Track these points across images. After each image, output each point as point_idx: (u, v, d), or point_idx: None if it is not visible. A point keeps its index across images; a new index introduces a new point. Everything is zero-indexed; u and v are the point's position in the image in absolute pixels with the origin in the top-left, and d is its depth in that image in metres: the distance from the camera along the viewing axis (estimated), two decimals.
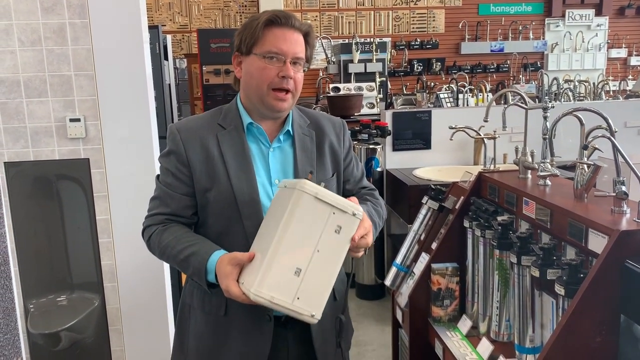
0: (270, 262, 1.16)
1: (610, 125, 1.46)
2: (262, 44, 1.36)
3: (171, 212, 1.42)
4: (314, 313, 1.19)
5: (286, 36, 1.36)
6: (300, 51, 1.38)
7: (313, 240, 1.19)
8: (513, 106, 1.91)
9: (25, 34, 2.25)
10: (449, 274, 1.80)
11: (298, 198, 1.18)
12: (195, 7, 6.98)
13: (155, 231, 1.41)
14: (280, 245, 1.17)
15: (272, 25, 1.36)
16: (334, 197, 1.22)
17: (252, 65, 1.38)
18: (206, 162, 1.40)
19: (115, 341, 2.54)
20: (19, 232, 2.36)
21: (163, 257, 1.41)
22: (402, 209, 3.44)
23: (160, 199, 1.43)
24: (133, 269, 2.47)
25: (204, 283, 1.32)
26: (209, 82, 5.35)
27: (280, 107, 1.39)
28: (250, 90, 1.41)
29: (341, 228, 1.21)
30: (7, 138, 2.30)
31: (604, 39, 7.59)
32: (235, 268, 1.25)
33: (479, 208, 1.73)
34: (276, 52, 1.35)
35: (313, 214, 1.19)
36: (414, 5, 7.26)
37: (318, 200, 1.18)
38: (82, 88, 2.31)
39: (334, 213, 1.20)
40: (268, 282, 1.15)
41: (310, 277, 1.18)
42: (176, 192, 1.41)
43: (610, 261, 1.16)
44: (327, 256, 1.20)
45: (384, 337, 3.26)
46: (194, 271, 1.33)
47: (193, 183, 1.41)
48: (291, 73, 1.36)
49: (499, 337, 1.60)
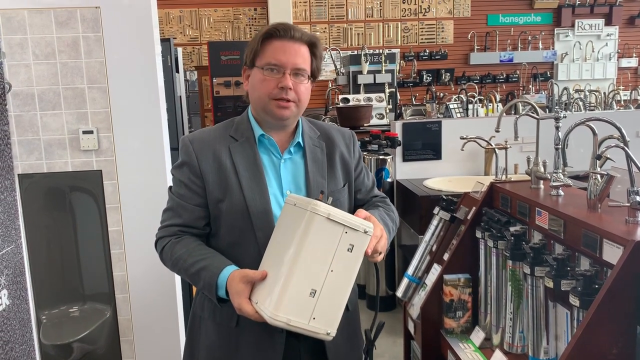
0: (285, 285, 1.17)
1: (623, 135, 1.45)
2: (262, 56, 1.39)
3: (184, 223, 1.42)
4: (330, 331, 1.21)
5: (285, 48, 1.38)
6: (302, 62, 1.39)
7: (327, 261, 1.19)
8: (523, 116, 1.91)
9: (39, 48, 2.28)
10: (461, 285, 1.79)
11: (310, 220, 1.18)
12: (205, 20, 7.05)
13: (168, 243, 1.41)
14: (295, 269, 1.17)
15: (271, 38, 1.39)
16: (345, 216, 1.22)
17: (255, 78, 1.41)
18: (219, 173, 1.41)
19: (127, 352, 2.54)
20: (31, 244, 2.38)
21: (175, 269, 1.42)
22: (413, 219, 3.43)
23: (173, 210, 1.44)
24: (145, 280, 2.47)
25: (215, 298, 1.32)
26: (219, 94, 5.38)
27: (283, 114, 1.40)
28: (254, 102, 1.44)
29: (354, 246, 1.21)
30: (21, 150, 2.33)
31: (614, 49, 7.57)
32: (247, 286, 1.25)
33: (491, 218, 1.72)
34: (275, 63, 1.37)
35: (326, 235, 1.19)
36: (422, 17, 7.28)
37: (330, 221, 1.19)
38: (95, 100, 2.34)
39: (346, 232, 1.20)
40: (284, 305, 1.16)
41: (325, 296, 1.19)
42: (189, 203, 1.42)
43: (625, 272, 1.15)
44: (341, 275, 1.21)
45: (396, 349, 3.23)
46: (204, 285, 1.33)
47: (206, 194, 1.41)
48: (289, 84, 1.37)
49: (513, 348, 1.58)
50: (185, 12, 7.00)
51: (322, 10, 7.12)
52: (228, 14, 7.07)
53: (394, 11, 7.23)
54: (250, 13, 7.09)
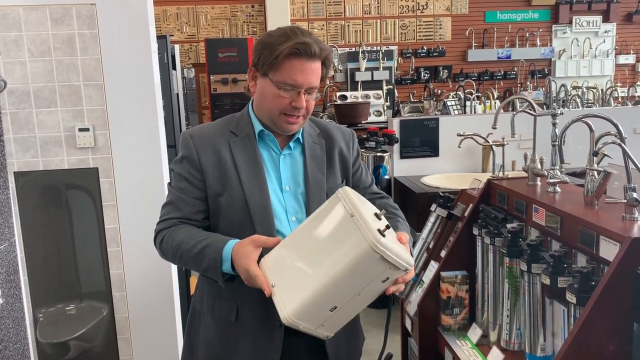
0: (312, 298, 1.14)
1: (620, 132, 1.45)
2: (279, 73, 1.35)
3: (183, 216, 1.42)
4: (330, 334, 1.22)
5: (304, 67, 1.35)
6: (315, 80, 1.38)
7: (360, 287, 1.17)
8: (521, 113, 1.91)
9: (35, 45, 2.27)
10: (458, 282, 1.79)
11: (363, 253, 1.12)
12: (202, 17, 7.03)
13: (168, 232, 1.40)
14: (329, 286, 1.14)
15: (292, 57, 1.34)
16: (393, 250, 1.14)
17: (266, 89, 1.39)
18: (218, 167, 1.41)
19: (124, 350, 2.53)
20: (28, 242, 2.37)
21: (176, 254, 1.38)
22: (410, 216, 3.41)
23: (173, 204, 1.43)
24: (141, 277, 2.47)
25: (219, 276, 1.29)
26: (216, 91, 5.36)
27: (290, 129, 1.42)
28: (262, 110, 1.43)
29: (388, 279, 1.18)
30: (17, 148, 2.32)
31: (611, 45, 7.56)
32: (257, 250, 1.25)
33: (488, 215, 1.72)
34: (292, 84, 1.35)
35: (371, 267, 1.14)
36: (420, 14, 7.27)
37: (382, 259, 1.13)
38: (91, 98, 2.33)
39: (390, 269, 1.16)
40: (304, 314, 1.16)
41: (341, 312, 1.19)
42: (189, 196, 1.41)
43: (622, 269, 1.15)
44: (364, 298, 1.20)
45: (393, 346, 3.22)
46: (209, 263, 1.30)
47: (206, 187, 1.41)
48: (303, 104, 1.37)
49: (510, 345, 1.58)
50: (183, 9, 6.97)
51: (320, 7, 7.10)
52: (225, 11, 7.05)
53: (391, 8, 7.21)
54: (247, 10, 7.06)
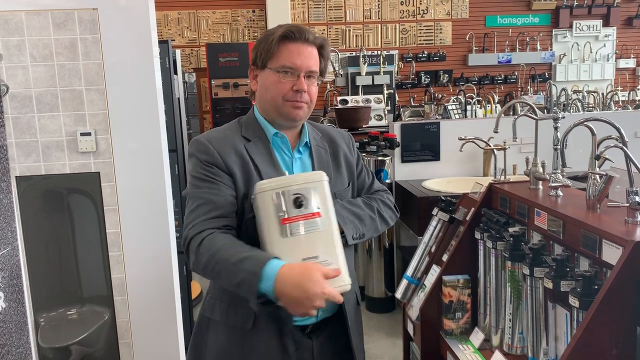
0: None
1: (622, 135, 1.45)
2: (277, 58, 1.38)
3: (221, 214, 1.34)
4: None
5: (300, 51, 1.38)
6: (314, 64, 1.41)
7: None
8: (522, 117, 1.91)
9: (37, 50, 2.27)
10: (460, 286, 1.78)
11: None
12: (203, 21, 7.05)
13: (212, 234, 1.31)
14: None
15: (287, 40, 1.38)
16: None
17: (267, 79, 1.41)
18: (243, 168, 1.40)
19: (125, 355, 2.53)
20: (29, 246, 2.37)
21: (212, 260, 1.27)
22: (412, 220, 3.43)
23: (206, 204, 1.35)
24: (143, 282, 2.47)
25: (254, 294, 1.19)
26: (217, 95, 5.37)
27: (297, 115, 1.41)
28: (266, 103, 1.44)
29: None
30: (18, 152, 2.32)
31: (612, 50, 7.57)
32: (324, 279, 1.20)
33: (490, 219, 1.72)
34: (290, 66, 1.38)
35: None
36: (420, 18, 7.29)
37: None
38: (93, 102, 2.33)
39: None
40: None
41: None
42: (221, 195, 1.35)
43: (625, 272, 1.15)
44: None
45: (395, 350, 3.23)
46: (244, 277, 1.20)
47: (236, 188, 1.38)
48: (304, 87, 1.39)
49: (512, 349, 1.58)
50: (184, 14, 7.00)
51: (321, 12, 7.12)
52: (226, 15, 7.07)
53: (392, 12, 7.23)
54: (248, 15, 7.09)
